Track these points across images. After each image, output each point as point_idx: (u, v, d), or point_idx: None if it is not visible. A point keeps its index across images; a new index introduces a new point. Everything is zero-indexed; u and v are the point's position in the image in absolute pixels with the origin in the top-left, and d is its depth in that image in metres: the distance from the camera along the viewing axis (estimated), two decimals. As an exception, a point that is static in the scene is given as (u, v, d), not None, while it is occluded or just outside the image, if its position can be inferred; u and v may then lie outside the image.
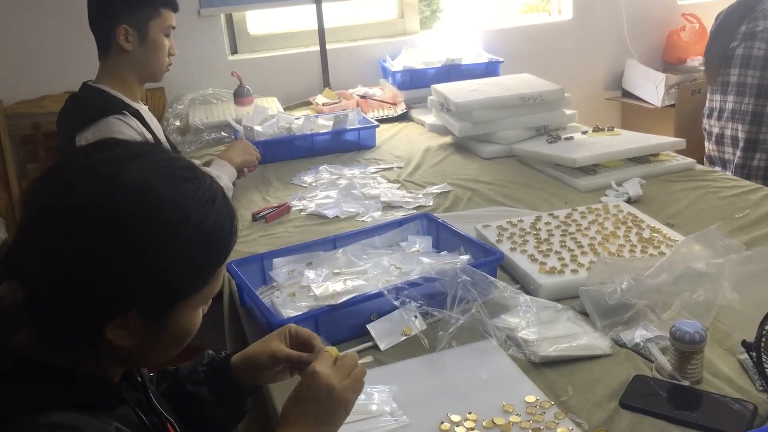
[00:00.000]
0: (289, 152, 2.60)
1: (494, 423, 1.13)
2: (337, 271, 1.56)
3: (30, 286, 0.80)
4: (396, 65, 3.29)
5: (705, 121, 3.11)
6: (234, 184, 2.21)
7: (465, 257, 1.58)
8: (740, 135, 2.91)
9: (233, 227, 0.88)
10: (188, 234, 0.81)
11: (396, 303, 1.41)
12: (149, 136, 2.02)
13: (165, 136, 2.30)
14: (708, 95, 3.08)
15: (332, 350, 1.05)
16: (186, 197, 0.82)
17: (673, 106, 3.60)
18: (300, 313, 1.40)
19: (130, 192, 0.79)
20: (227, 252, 0.88)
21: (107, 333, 0.81)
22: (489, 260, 1.54)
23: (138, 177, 0.80)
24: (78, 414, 0.79)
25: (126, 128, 1.93)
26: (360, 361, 1.16)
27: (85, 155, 0.83)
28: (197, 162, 2.25)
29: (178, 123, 3.03)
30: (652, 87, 3.65)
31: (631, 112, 3.85)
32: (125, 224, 0.78)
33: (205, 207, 0.84)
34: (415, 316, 1.42)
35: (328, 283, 1.49)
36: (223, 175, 2.11)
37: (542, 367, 1.29)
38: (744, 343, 1.17)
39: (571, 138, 2.42)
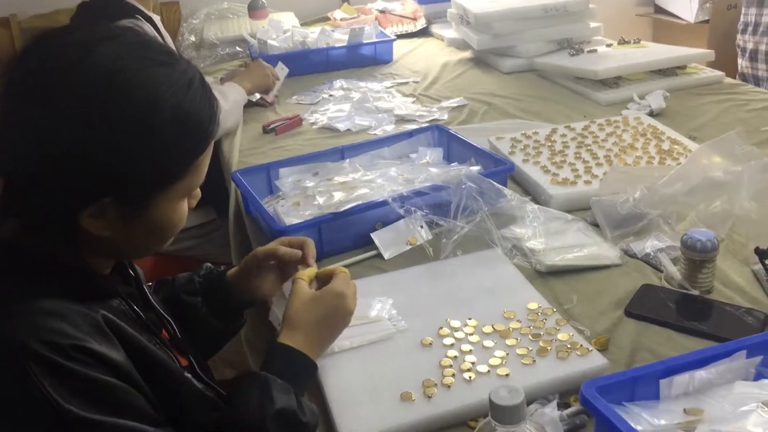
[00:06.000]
0: (303, 66, 2.54)
1: (494, 329, 1.11)
2: (343, 180, 1.52)
3: (6, 172, 0.79)
4: (417, -23, 3.17)
5: (739, 36, 2.95)
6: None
7: (475, 168, 1.53)
8: (776, 50, 2.76)
9: (212, 115, 0.85)
10: (161, 120, 0.78)
11: (401, 212, 1.38)
12: None
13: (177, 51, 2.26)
14: (743, 9, 2.92)
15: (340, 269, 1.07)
16: (159, 81, 0.79)
17: (707, 21, 3.44)
18: (302, 221, 1.38)
19: (98, 73, 0.76)
20: (206, 142, 0.85)
21: (82, 222, 0.80)
22: (499, 170, 1.49)
23: (108, 58, 0.77)
24: (66, 302, 0.79)
25: None
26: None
27: (58, 35, 0.80)
28: (211, 79, 2.21)
29: (193, 38, 2.97)
30: (685, 2, 3.49)
31: (663, 28, 3.69)
32: (94, 107, 0.75)
33: (180, 92, 0.80)
34: (421, 226, 1.39)
35: (333, 191, 1.46)
36: (232, 91, 2.07)
37: (548, 277, 1.26)
38: (757, 251, 1.12)
39: (595, 51, 2.32)
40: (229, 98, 2.03)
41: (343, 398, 0.99)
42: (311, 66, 2.55)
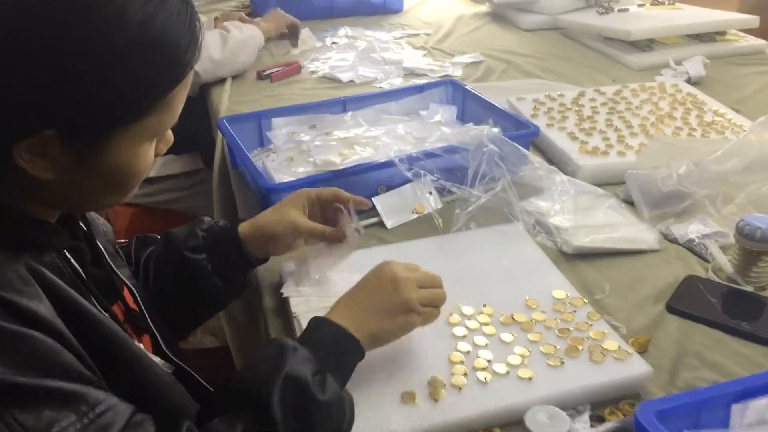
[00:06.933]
0: (306, 11, 2.33)
1: (513, 319, 0.94)
2: (344, 135, 1.34)
3: None
4: None
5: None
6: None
7: (494, 130, 1.35)
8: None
9: (192, 40, 0.66)
10: (125, 37, 0.61)
11: (408, 175, 1.20)
12: None
13: None
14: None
15: None
16: None
17: (738, -10, 3.22)
18: (295, 179, 1.20)
19: None
20: (180, 72, 0.66)
21: (18, 158, 0.62)
22: (521, 134, 1.31)
23: None
24: None
25: None
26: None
27: None
28: (204, 18, 2.00)
29: (187, -25, 2.74)
30: (717, -32, 3.26)
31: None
32: (35, 12, 0.58)
33: (151, 6, 0.62)
34: (430, 192, 1.22)
35: (332, 147, 1.28)
36: (249, 28, 1.88)
37: (575, 260, 1.09)
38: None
39: (626, 10, 2.12)
40: (245, 32, 1.83)
41: (331, 395, 0.82)
42: (314, 11, 2.35)
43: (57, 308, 0.64)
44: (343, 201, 0.99)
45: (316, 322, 0.81)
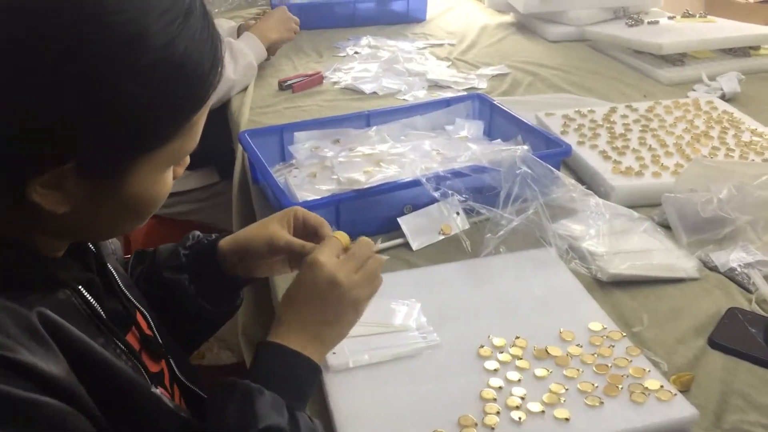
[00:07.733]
0: (327, 20, 2.31)
1: (548, 353, 0.89)
2: (369, 152, 1.30)
3: None
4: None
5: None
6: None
7: (523, 147, 1.30)
8: None
9: (215, 59, 0.62)
10: (148, 61, 0.56)
11: (436, 195, 1.15)
12: None
13: None
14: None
15: (342, 236, 0.82)
16: (147, 9, 0.57)
17: None
18: (318, 197, 1.16)
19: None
20: (205, 93, 0.62)
21: (33, 195, 0.58)
22: (553, 153, 1.26)
23: None
24: None
25: None
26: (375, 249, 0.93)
27: None
28: (232, 23, 1.97)
29: (208, -19, 2.72)
30: (746, -22, 3.20)
31: (718, 7, 3.40)
32: (58, 42, 0.54)
33: (175, 26, 0.58)
34: (458, 213, 1.17)
35: (357, 164, 1.24)
36: (249, 52, 1.79)
37: (610, 288, 1.04)
38: None
39: (656, 23, 2.07)
40: (240, 62, 1.74)
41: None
42: (336, 19, 2.32)
43: (72, 362, 0.60)
44: (320, 237, 0.87)
45: (262, 351, 0.74)
